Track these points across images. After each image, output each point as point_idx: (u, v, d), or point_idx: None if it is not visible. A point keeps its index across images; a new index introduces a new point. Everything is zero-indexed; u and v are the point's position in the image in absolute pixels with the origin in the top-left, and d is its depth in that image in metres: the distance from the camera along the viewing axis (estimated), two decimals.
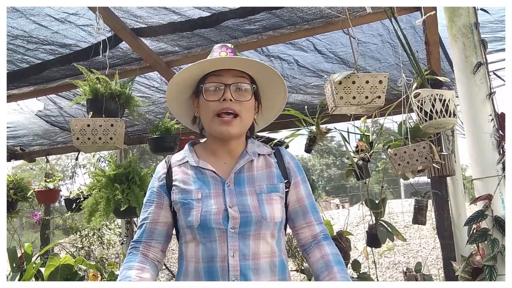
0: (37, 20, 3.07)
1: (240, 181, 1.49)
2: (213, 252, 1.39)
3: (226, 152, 1.54)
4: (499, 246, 1.87)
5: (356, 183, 4.35)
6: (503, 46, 3.40)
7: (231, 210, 1.41)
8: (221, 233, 1.40)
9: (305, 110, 3.31)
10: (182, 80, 1.54)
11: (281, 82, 1.57)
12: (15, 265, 3.37)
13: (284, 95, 1.62)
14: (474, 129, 1.99)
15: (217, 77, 1.49)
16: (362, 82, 2.14)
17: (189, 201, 1.45)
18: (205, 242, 1.41)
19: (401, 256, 7.17)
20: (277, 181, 1.52)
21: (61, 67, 3.64)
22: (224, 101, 1.46)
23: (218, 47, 1.57)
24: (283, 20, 3.09)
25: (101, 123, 2.57)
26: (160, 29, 3.19)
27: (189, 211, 1.43)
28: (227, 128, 1.46)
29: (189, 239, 1.45)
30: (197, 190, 1.46)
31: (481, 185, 1.96)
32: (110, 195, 2.86)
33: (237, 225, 1.41)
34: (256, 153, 1.56)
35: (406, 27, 3.12)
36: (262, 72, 1.54)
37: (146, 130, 4.95)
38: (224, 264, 1.38)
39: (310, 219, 1.58)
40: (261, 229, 1.43)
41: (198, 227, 1.41)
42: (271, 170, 1.54)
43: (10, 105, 4.53)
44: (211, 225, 1.40)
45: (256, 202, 1.45)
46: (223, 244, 1.39)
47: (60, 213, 5.82)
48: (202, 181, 1.48)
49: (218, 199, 1.44)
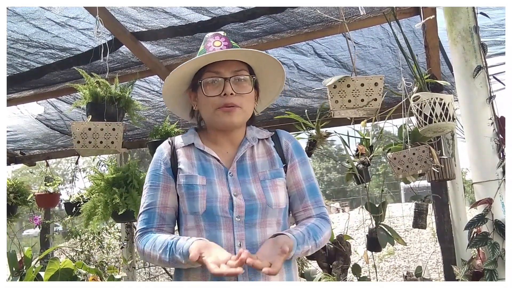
0: (37, 24, 3.07)
1: (243, 170, 1.47)
2: (219, 242, 1.35)
3: (228, 141, 1.53)
4: (499, 250, 1.87)
5: (356, 187, 4.34)
6: (503, 49, 3.40)
7: (236, 199, 1.40)
8: (227, 221, 1.38)
9: (305, 113, 3.31)
10: (177, 78, 1.51)
11: (279, 66, 1.54)
12: (15, 269, 3.36)
13: (282, 78, 1.59)
14: (474, 133, 1.99)
15: (215, 70, 1.46)
16: (357, 85, 2.14)
17: (194, 186, 1.41)
18: (210, 230, 1.38)
19: (402, 260, 7.16)
20: (279, 165, 1.51)
21: (61, 71, 3.64)
22: (225, 95, 1.43)
23: (211, 36, 1.54)
24: (283, 24, 3.10)
25: (102, 127, 2.57)
26: (160, 33, 3.19)
27: (193, 196, 1.40)
28: (230, 117, 1.44)
29: (191, 226, 1.41)
30: (201, 176, 1.43)
31: (481, 189, 1.96)
32: (108, 199, 2.85)
33: (243, 213, 1.38)
34: (256, 138, 1.55)
35: (406, 31, 3.12)
36: (259, 60, 1.52)
37: (146, 133, 4.95)
38: (231, 254, 1.33)
39: (306, 204, 1.51)
40: (267, 217, 1.41)
41: (203, 213, 1.38)
42: (272, 155, 1.53)
43: (10, 109, 4.53)
44: (217, 213, 1.38)
45: (261, 189, 1.43)
46: (229, 234, 1.37)
47: (60, 217, 5.81)
48: (206, 168, 1.46)
49: (222, 186, 1.42)
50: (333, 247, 3.43)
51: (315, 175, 1.61)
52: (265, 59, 1.51)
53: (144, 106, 3.21)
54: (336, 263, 3.36)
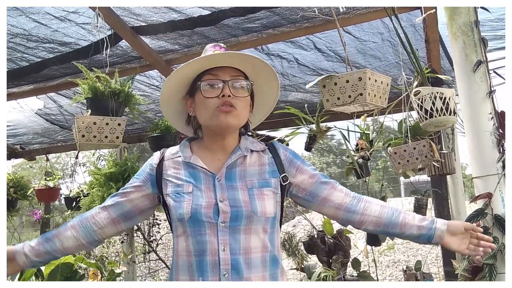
0: (36, 18, 3.06)
1: (231, 176, 1.49)
2: (204, 246, 1.40)
3: (220, 148, 1.54)
4: (499, 244, 1.87)
5: (356, 182, 4.35)
6: (503, 44, 3.39)
7: (222, 204, 1.42)
8: (211, 226, 1.41)
9: (305, 108, 3.31)
10: (176, 80, 1.53)
11: (275, 78, 1.58)
12: None
13: (276, 92, 1.63)
14: (474, 128, 1.99)
15: (213, 74, 1.49)
16: (343, 82, 2.15)
17: (180, 194, 1.46)
18: (195, 235, 1.41)
19: (401, 255, 7.18)
20: (269, 176, 1.52)
21: (61, 65, 3.63)
22: (223, 97, 1.46)
23: (211, 46, 1.58)
24: (283, 18, 3.09)
25: (108, 122, 2.57)
26: (160, 27, 3.18)
27: (180, 204, 1.44)
28: (225, 118, 1.46)
29: (180, 232, 1.46)
30: (188, 184, 1.47)
31: (481, 183, 1.96)
32: (105, 194, 2.87)
33: (228, 219, 1.41)
34: (249, 149, 1.56)
35: (406, 25, 3.12)
36: (257, 69, 1.55)
37: (146, 128, 4.94)
38: (215, 258, 1.38)
39: (332, 185, 1.58)
40: (252, 224, 1.43)
41: (188, 219, 1.41)
42: (263, 166, 1.54)
43: (10, 104, 4.52)
44: (201, 218, 1.41)
45: (247, 197, 1.45)
46: (213, 238, 1.40)
47: (60, 212, 5.82)
48: (193, 176, 1.49)
49: (208, 193, 1.45)
50: (333, 242, 3.44)
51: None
52: (261, 67, 1.55)
53: (144, 100, 3.21)
54: (336, 258, 3.37)
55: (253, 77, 1.57)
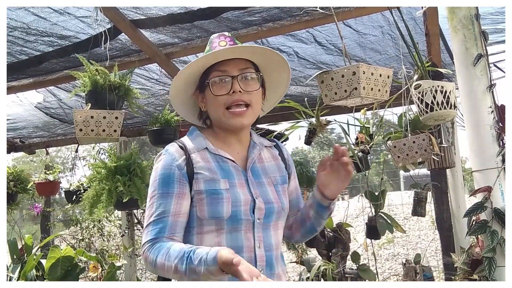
0: (36, 11, 3.05)
1: (255, 172, 1.49)
2: (240, 243, 1.38)
3: (237, 141, 1.52)
4: (498, 237, 1.88)
5: (356, 175, 4.35)
6: (503, 37, 3.38)
7: (258, 201, 1.42)
8: (247, 223, 1.40)
9: (305, 102, 3.30)
10: (184, 78, 1.49)
11: (285, 63, 1.55)
12: (16, 256, 3.39)
13: (288, 75, 1.59)
14: (474, 121, 1.99)
15: (222, 69, 1.45)
16: (338, 77, 2.15)
17: (217, 190, 1.39)
18: (231, 232, 1.39)
19: (401, 248, 7.20)
20: (284, 173, 1.57)
21: (60, 59, 3.62)
22: (233, 93, 1.43)
23: (216, 37, 1.52)
24: (283, 12, 3.07)
25: (105, 115, 2.57)
26: (159, 21, 3.17)
27: (217, 202, 1.38)
28: (240, 119, 1.44)
29: (207, 230, 1.39)
30: (224, 179, 1.41)
31: (481, 177, 1.96)
32: (111, 187, 2.86)
33: (262, 216, 1.42)
34: (263, 144, 1.57)
35: (407, 18, 3.09)
36: (266, 58, 1.52)
37: (145, 122, 4.93)
38: (251, 255, 1.38)
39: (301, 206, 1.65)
40: (279, 220, 1.48)
41: (228, 218, 1.37)
42: (278, 161, 1.57)
43: (10, 97, 4.52)
44: (240, 216, 1.39)
45: (275, 193, 1.48)
46: (249, 235, 1.40)
47: (60, 205, 5.83)
48: (226, 170, 1.44)
49: (243, 189, 1.43)
50: (333, 235, 3.45)
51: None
52: (271, 56, 1.51)
53: (143, 94, 3.21)
54: (336, 251, 3.38)
55: (263, 65, 1.53)
